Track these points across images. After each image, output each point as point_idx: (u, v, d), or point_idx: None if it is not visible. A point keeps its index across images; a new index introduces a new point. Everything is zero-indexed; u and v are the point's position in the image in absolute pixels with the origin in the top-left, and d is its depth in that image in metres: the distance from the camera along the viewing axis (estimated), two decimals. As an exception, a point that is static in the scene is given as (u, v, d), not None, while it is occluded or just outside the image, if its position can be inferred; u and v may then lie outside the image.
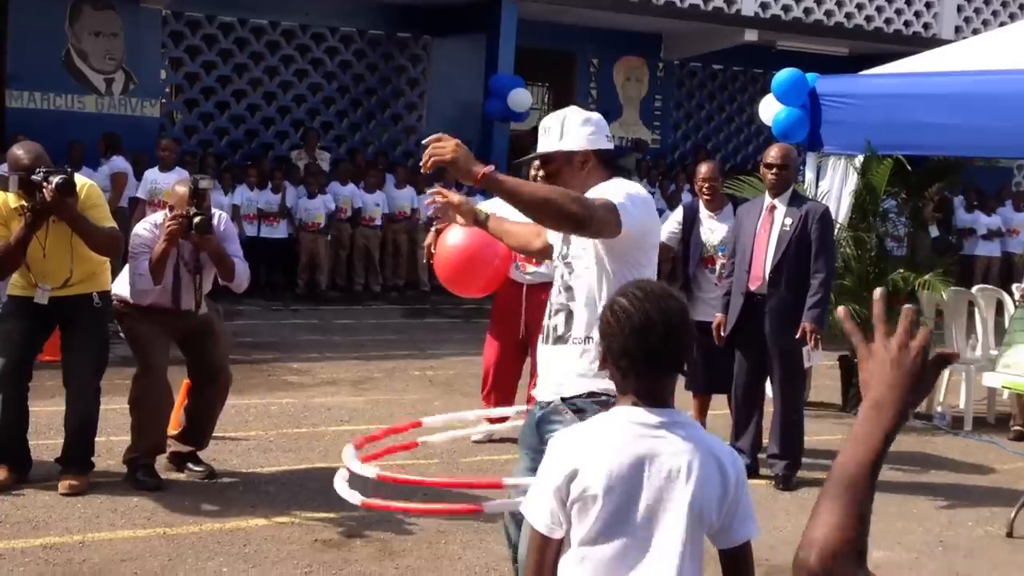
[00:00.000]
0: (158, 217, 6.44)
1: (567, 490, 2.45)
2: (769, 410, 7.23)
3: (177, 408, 6.68)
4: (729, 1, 17.13)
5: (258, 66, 16.25)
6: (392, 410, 8.46)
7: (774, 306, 7.00)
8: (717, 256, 7.55)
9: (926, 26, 18.53)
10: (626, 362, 2.50)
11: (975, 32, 17.56)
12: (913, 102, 8.68)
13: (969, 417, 8.92)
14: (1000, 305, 9.54)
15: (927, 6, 18.60)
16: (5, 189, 5.90)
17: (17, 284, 6.19)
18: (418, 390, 9.32)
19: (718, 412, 7.65)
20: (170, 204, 6.35)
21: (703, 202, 7.70)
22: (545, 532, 2.48)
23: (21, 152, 5.92)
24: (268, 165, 14.75)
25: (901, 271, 9.03)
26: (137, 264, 6.20)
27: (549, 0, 15.66)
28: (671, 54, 18.95)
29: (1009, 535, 6.29)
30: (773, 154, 7.14)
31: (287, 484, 6.53)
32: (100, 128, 13.83)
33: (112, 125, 14.14)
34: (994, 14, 18.90)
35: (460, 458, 7.19)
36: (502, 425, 6.29)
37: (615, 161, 3.94)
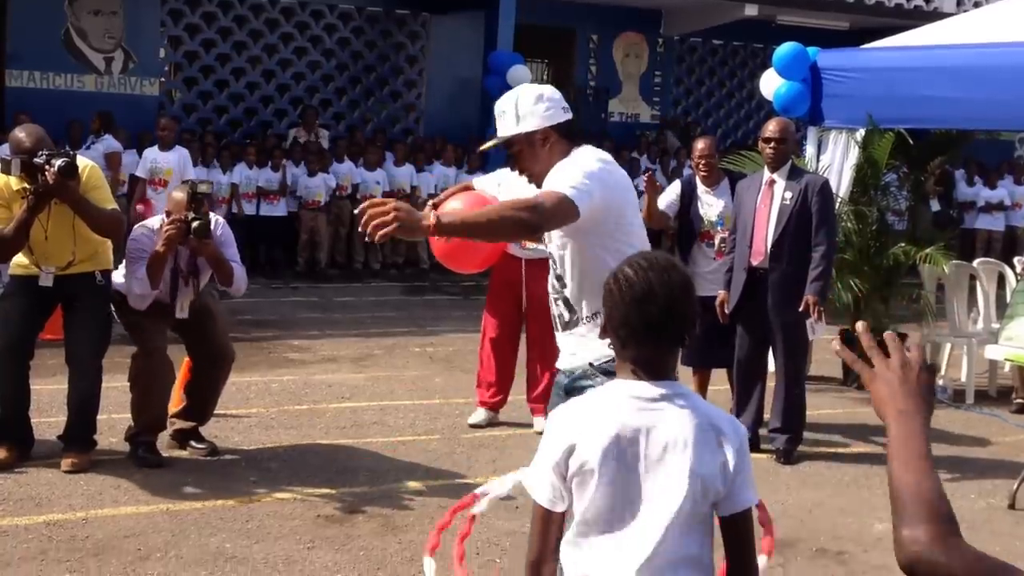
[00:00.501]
0: (155, 222, 6.45)
1: (566, 465, 2.45)
2: (771, 384, 7.24)
3: (178, 387, 6.69)
4: (729, -24, 17.08)
5: (257, 44, 16.21)
6: (392, 386, 8.49)
7: (776, 280, 6.99)
8: (714, 231, 7.55)
9: (927, -1, 18.49)
10: (625, 331, 2.49)
11: (976, 5, 17.47)
12: (914, 75, 8.65)
13: (971, 390, 8.92)
14: (1001, 278, 9.54)
15: (928, -21, 18.55)
16: (7, 172, 5.88)
17: (19, 263, 6.19)
18: (418, 367, 9.32)
19: (719, 388, 7.65)
20: (167, 209, 6.35)
21: (700, 178, 7.69)
22: (547, 506, 2.49)
23: (23, 135, 5.91)
24: (271, 142, 14.71)
25: (902, 245, 9.00)
26: (134, 269, 6.20)
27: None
28: (671, 29, 18.89)
29: (1011, 507, 6.30)
30: (771, 128, 7.12)
31: (289, 461, 6.54)
32: (99, 107, 13.79)
33: (111, 104, 14.12)
34: (995, -13, 18.82)
35: (461, 434, 7.22)
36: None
37: (575, 130, 3.91)
